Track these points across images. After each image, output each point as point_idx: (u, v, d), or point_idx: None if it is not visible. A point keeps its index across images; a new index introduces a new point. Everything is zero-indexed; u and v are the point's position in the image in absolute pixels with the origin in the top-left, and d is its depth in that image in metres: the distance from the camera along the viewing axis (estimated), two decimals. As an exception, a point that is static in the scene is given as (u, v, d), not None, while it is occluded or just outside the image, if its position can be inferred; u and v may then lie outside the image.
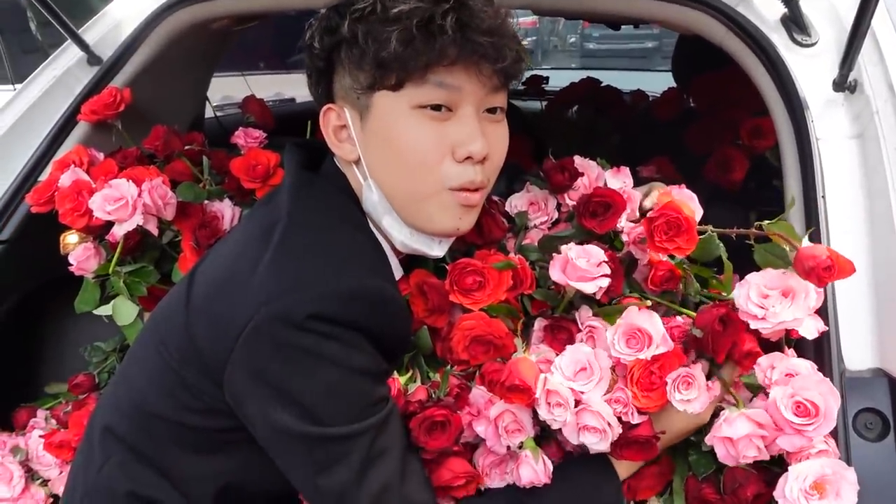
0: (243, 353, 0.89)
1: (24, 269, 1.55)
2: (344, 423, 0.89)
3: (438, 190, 0.98)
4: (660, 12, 1.29)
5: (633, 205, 1.21)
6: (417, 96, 0.94)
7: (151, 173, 1.36)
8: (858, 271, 1.04)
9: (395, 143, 0.97)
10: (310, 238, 0.95)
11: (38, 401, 1.57)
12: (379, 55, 0.92)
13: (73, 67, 1.63)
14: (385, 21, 0.92)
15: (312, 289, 0.88)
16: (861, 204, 1.10)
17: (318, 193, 1.02)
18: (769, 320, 0.92)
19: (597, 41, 9.75)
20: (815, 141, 1.14)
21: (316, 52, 1.00)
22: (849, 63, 1.12)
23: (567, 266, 1.03)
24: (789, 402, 0.92)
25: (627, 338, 0.97)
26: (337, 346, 0.88)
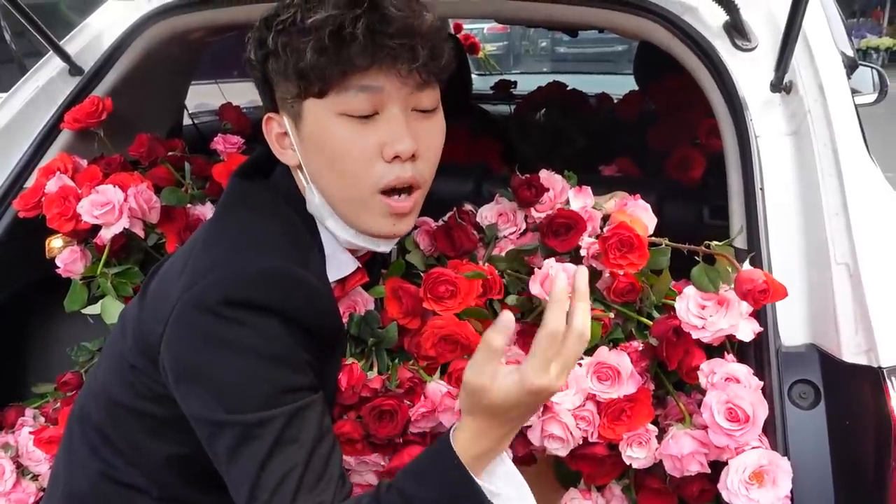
0: (168, 337, 0.96)
1: (10, 273, 1.60)
2: (253, 410, 0.91)
3: (370, 194, 1.00)
4: (612, 20, 1.38)
5: (595, 223, 1.28)
6: (341, 104, 0.97)
7: (135, 179, 1.43)
8: (792, 255, 1.15)
9: (326, 149, 1.00)
10: (230, 230, 1.03)
11: (26, 401, 1.63)
12: (298, 66, 0.95)
13: (56, 78, 1.69)
14: (301, 32, 0.95)
15: (224, 273, 0.94)
16: (795, 194, 1.20)
17: (247, 194, 1.08)
18: (708, 329, 1.05)
19: (567, 45, 9.85)
20: (754, 138, 1.23)
21: (252, 64, 1.03)
22: (783, 66, 1.22)
23: (546, 281, 1.12)
24: (723, 407, 1.03)
25: (598, 375, 1.08)
26: (250, 333, 0.92)
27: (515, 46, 10.65)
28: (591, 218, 1.27)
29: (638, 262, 1.12)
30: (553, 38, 10.17)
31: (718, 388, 1.05)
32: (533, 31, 10.51)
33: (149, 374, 1.03)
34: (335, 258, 1.11)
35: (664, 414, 1.17)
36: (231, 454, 0.92)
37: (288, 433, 0.91)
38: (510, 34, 9.89)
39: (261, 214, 1.05)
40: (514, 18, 1.59)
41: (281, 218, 1.06)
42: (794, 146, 1.23)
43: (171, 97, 1.93)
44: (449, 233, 1.27)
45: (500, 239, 1.32)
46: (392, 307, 1.17)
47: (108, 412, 1.11)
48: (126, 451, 1.09)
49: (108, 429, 1.10)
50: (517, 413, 0.90)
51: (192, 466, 1.06)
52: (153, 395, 1.04)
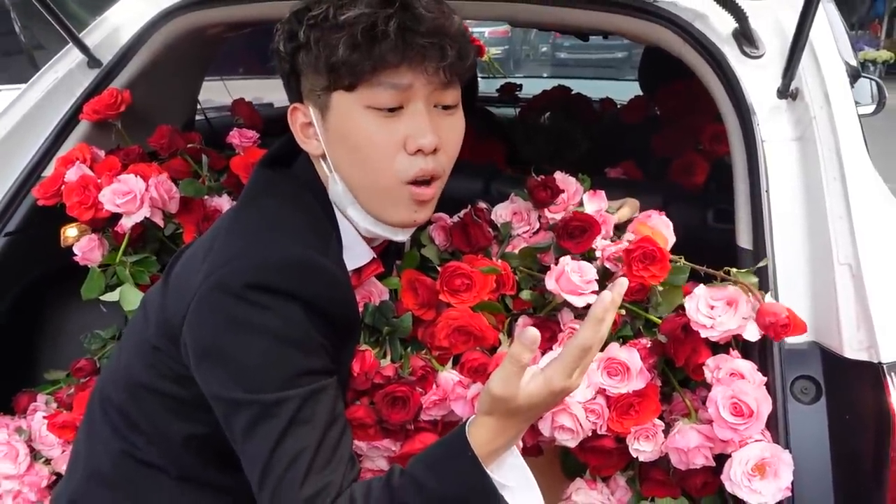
0: (191, 319, 1.00)
1: (27, 260, 1.63)
2: (270, 390, 0.94)
3: (394, 184, 1.04)
4: (625, 25, 1.42)
5: (608, 227, 1.32)
6: (369, 97, 1.01)
7: (155, 170, 1.46)
8: (797, 255, 1.19)
9: (352, 140, 1.04)
10: (253, 218, 1.07)
11: (38, 387, 1.65)
12: (330, 60, 0.99)
13: (74, 70, 1.72)
14: (334, 28, 0.99)
15: (248, 259, 0.98)
16: (800, 197, 1.23)
17: (270, 184, 1.12)
18: (717, 329, 1.08)
19: (567, 51, 9.93)
20: (760, 143, 1.27)
21: (281, 56, 1.07)
22: (790, 73, 1.26)
23: (562, 277, 1.16)
24: (727, 402, 1.07)
25: (609, 370, 1.12)
26: (270, 316, 0.95)
27: (516, 51, 10.71)
28: (604, 221, 1.31)
29: (659, 275, 1.15)
30: (553, 43, 10.24)
31: (724, 383, 1.08)
32: (534, 36, 10.59)
33: (171, 355, 1.07)
34: (352, 248, 1.14)
35: (669, 409, 1.20)
36: (247, 432, 0.96)
37: (302, 414, 0.94)
38: (511, 38, 9.94)
39: (283, 203, 1.09)
40: (527, 22, 1.63)
41: (302, 207, 1.09)
42: (800, 151, 1.27)
43: (187, 92, 1.96)
44: (465, 229, 1.30)
45: (513, 237, 1.35)
46: (408, 298, 1.20)
47: (129, 393, 1.14)
48: (147, 431, 1.13)
49: (130, 409, 1.14)
50: (535, 412, 0.95)
51: (210, 446, 1.10)
52: (174, 375, 1.08)
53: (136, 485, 1.14)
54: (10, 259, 1.60)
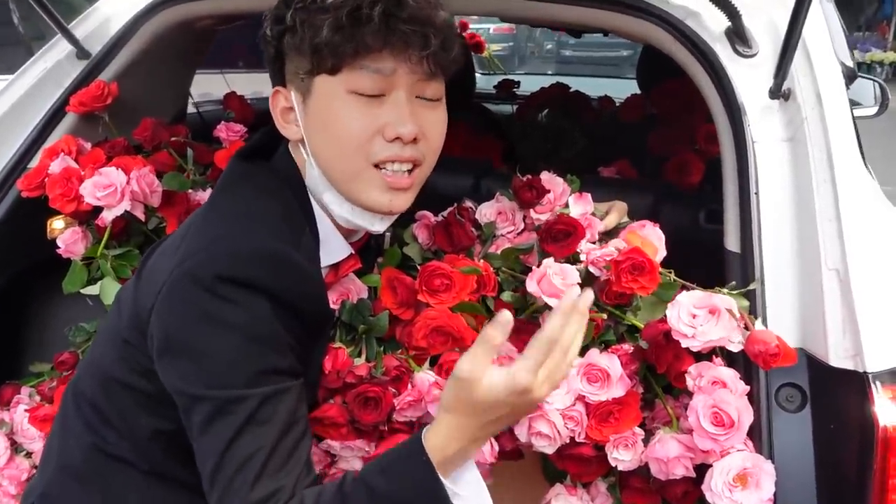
0: (159, 308, 0.99)
1: (11, 252, 1.61)
2: (231, 387, 0.93)
3: (365, 167, 1.04)
4: (615, 22, 1.39)
5: (594, 231, 1.30)
6: (352, 82, 1.01)
7: (138, 163, 1.45)
8: (785, 259, 1.17)
9: (331, 123, 1.04)
10: (226, 209, 1.07)
11: (23, 379, 1.64)
12: (313, 42, 1.00)
13: (63, 61, 1.71)
14: (321, 10, 0.99)
15: (217, 249, 0.98)
16: (790, 199, 1.21)
17: (245, 175, 1.12)
18: (699, 338, 1.05)
19: (573, 48, 9.85)
20: (751, 143, 1.25)
21: (267, 40, 1.07)
22: (782, 73, 1.24)
23: (543, 280, 1.14)
24: (708, 411, 1.05)
25: (588, 376, 1.09)
26: (238, 312, 0.94)
27: (521, 48, 10.67)
28: (590, 225, 1.29)
29: (648, 286, 1.14)
30: (559, 41, 10.17)
31: (705, 391, 1.06)
32: (539, 33, 10.54)
33: (140, 349, 1.06)
34: (329, 242, 1.13)
35: (651, 416, 1.18)
36: (202, 427, 0.94)
37: (261, 414, 0.93)
38: (516, 35, 9.91)
39: (257, 194, 1.08)
40: (517, 17, 1.61)
41: (276, 199, 1.08)
42: (791, 152, 1.25)
43: (177, 84, 1.95)
44: (447, 229, 1.29)
45: (497, 237, 1.33)
46: (386, 297, 1.18)
47: (101, 386, 1.13)
48: (117, 425, 1.11)
49: (102, 403, 1.12)
50: (495, 415, 0.90)
51: (177, 442, 1.07)
52: (143, 369, 1.06)
53: (105, 479, 1.12)
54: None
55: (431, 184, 1.77)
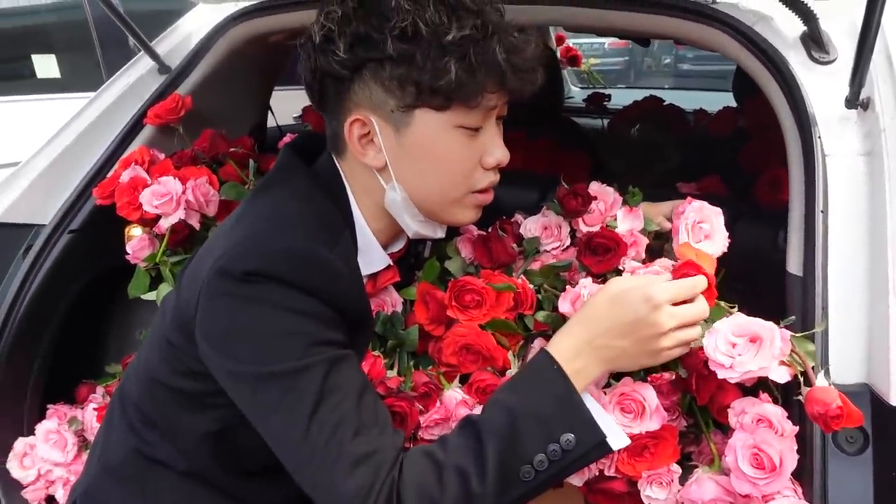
0: (201, 308, 0.99)
1: (92, 257, 1.69)
2: (288, 359, 0.91)
3: (464, 194, 1.07)
4: (676, 29, 1.32)
5: (639, 248, 1.23)
6: (462, 118, 1.01)
7: (201, 173, 1.49)
8: (853, 285, 1.06)
9: (433, 156, 1.04)
10: (263, 209, 1.06)
11: (99, 379, 1.72)
12: (436, 83, 0.97)
13: (145, 75, 1.79)
14: (440, 47, 0.96)
15: (249, 247, 0.97)
16: (863, 219, 1.10)
17: (288, 176, 1.10)
18: (736, 369, 0.94)
19: (690, 62, 9.56)
20: (821, 157, 1.14)
21: (340, 60, 1.00)
22: (858, 80, 1.12)
23: (577, 301, 1.08)
24: (748, 451, 0.95)
25: (622, 406, 1.02)
26: (277, 292, 0.93)
27: (637, 62, 10.45)
28: (635, 243, 1.22)
29: None
30: (677, 55, 9.90)
31: (746, 430, 0.96)
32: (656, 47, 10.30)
33: (185, 350, 1.07)
34: (367, 253, 1.13)
35: (698, 451, 1.10)
36: (273, 407, 0.92)
37: (331, 381, 0.91)
38: (632, 49, 9.69)
39: (294, 195, 1.08)
40: (574, 26, 1.55)
41: (313, 202, 1.07)
42: (868, 167, 1.13)
43: (254, 97, 2.00)
44: (487, 244, 1.25)
45: (540, 253, 1.28)
46: (420, 311, 1.15)
47: (146, 388, 1.15)
48: (161, 426, 1.13)
49: (146, 405, 1.15)
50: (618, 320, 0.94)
51: (224, 444, 1.09)
52: (186, 370, 1.08)
53: (143, 479, 1.15)
54: (76, 255, 1.67)
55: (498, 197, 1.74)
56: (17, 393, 1.63)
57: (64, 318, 1.68)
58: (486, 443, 0.88)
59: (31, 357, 1.64)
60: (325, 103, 1.08)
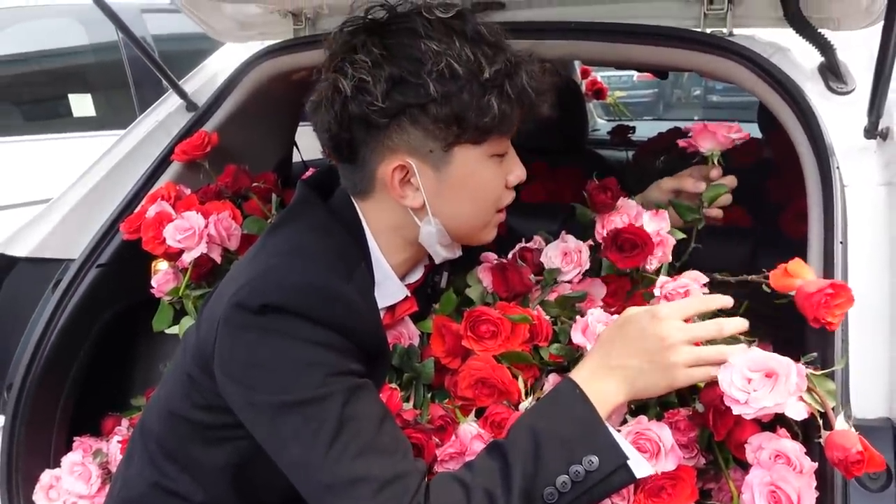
0: (220, 341, 1.00)
1: (118, 291, 1.73)
2: (306, 388, 0.92)
3: (493, 214, 1.13)
4: (694, 61, 1.32)
5: (666, 250, 1.23)
6: (495, 147, 1.08)
7: (224, 207, 1.52)
8: (875, 318, 1.04)
9: (473, 188, 1.08)
10: (280, 243, 1.08)
11: (125, 412, 1.74)
12: (482, 120, 1.01)
13: (174, 113, 1.84)
14: (480, 85, 1.00)
15: (266, 280, 0.99)
16: (884, 250, 1.08)
17: (305, 211, 1.13)
18: (751, 405, 0.92)
19: (720, 94, 9.51)
20: (839, 187, 1.13)
21: (378, 108, 0.99)
22: (876, 110, 1.12)
23: (587, 330, 1.08)
24: (764, 489, 0.93)
25: (638, 445, 1.00)
26: (294, 325, 0.95)
27: (666, 94, 10.42)
28: (662, 243, 1.22)
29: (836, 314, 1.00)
30: (706, 86, 9.86)
31: (764, 466, 0.94)
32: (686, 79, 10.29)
33: (204, 385, 1.08)
34: (385, 286, 1.14)
35: (718, 487, 1.07)
36: (295, 434, 0.93)
37: (350, 409, 0.92)
38: (661, 82, 9.66)
39: (310, 229, 1.10)
40: (592, 59, 1.56)
41: (329, 235, 1.09)
42: (887, 197, 1.12)
43: (279, 133, 2.03)
44: (504, 273, 1.25)
45: (558, 283, 1.28)
46: (436, 345, 1.16)
47: (166, 423, 1.16)
48: (181, 460, 1.14)
49: (167, 439, 1.16)
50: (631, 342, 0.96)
51: (243, 477, 1.10)
52: (205, 403, 1.09)
53: None
54: (103, 289, 1.70)
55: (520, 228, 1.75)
56: (44, 425, 1.65)
57: (91, 351, 1.71)
58: (511, 465, 0.90)
59: (58, 389, 1.66)
60: (355, 152, 1.06)
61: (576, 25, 1.41)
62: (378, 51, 1.00)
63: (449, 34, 1.00)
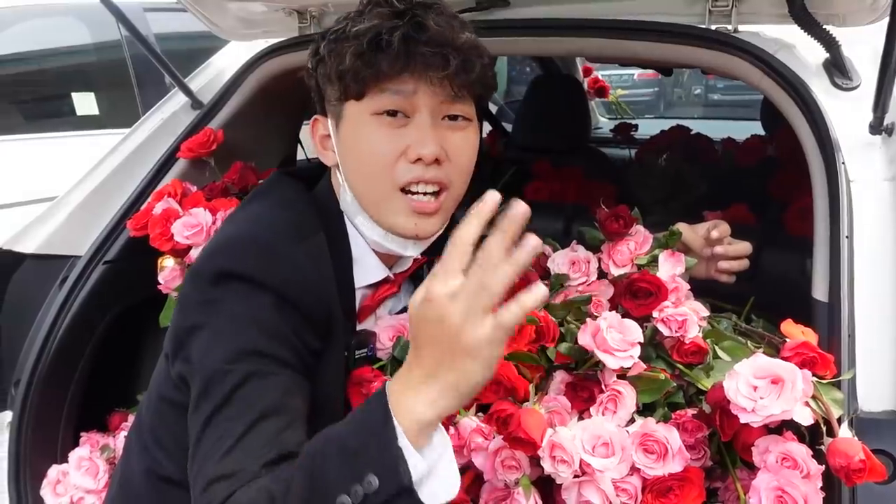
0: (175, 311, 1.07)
1: (125, 288, 1.73)
2: (214, 362, 0.94)
3: (391, 190, 1.06)
4: (699, 58, 1.33)
5: (680, 294, 1.21)
6: (374, 104, 1.04)
7: (231, 204, 1.52)
8: (880, 311, 1.04)
9: (358, 146, 1.07)
10: (237, 216, 1.14)
11: (132, 407, 1.75)
12: (338, 69, 1.04)
13: (179, 111, 1.85)
14: (346, 39, 1.04)
15: (213, 243, 1.05)
16: (890, 244, 1.09)
17: (273, 189, 1.17)
18: (759, 413, 0.93)
19: (721, 92, 9.53)
20: (844, 182, 1.13)
21: (309, 73, 1.14)
22: (881, 106, 1.13)
23: (598, 334, 1.06)
24: (771, 493, 0.94)
25: (645, 447, 1.01)
26: (236, 298, 0.97)
27: (667, 93, 10.44)
28: (676, 289, 1.20)
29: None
30: (707, 85, 9.88)
31: (771, 469, 0.95)
32: (686, 77, 10.31)
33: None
34: (363, 262, 1.16)
35: (725, 487, 1.08)
36: (193, 405, 0.95)
37: (242, 392, 0.91)
38: (661, 80, 9.68)
39: (272, 205, 1.13)
40: (597, 56, 1.57)
41: (291, 208, 1.12)
42: (893, 192, 1.13)
43: (283, 130, 2.04)
44: (509, 282, 1.25)
45: (566, 287, 1.28)
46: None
47: (155, 408, 1.18)
48: (168, 446, 1.16)
49: (156, 425, 1.18)
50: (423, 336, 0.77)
51: None
52: (182, 381, 1.08)
53: (156, 499, 1.17)
54: (110, 286, 1.71)
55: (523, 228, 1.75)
56: (52, 420, 1.66)
57: (98, 347, 1.72)
58: (296, 470, 0.81)
59: (65, 385, 1.67)
60: None
61: (581, 22, 1.42)
62: None
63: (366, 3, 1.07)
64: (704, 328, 1.15)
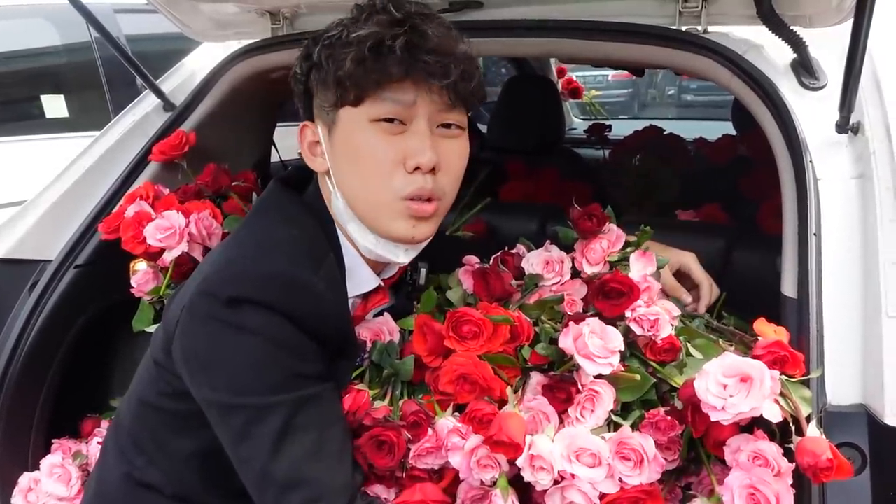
0: (182, 329, 1.03)
1: (97, 292, 1.71)
2: (259, 393, 0.96)
3: (392, 199, 1.06)
4: (669, 58, 1.34)
5: (651, 294, 1.23)
6: (373, 110, 1.04)
7: (204, 206, 1.51)
8: (847, 307, 1.06)
9: (354, 153, 1.06)
10: (249, 234, 1.11)
11: (105, 413, 1.73)
12: (337, 74, 1.03)
13: (151, 113, 1.83)
14: (345, 45, 1.03)
15: (232, 271, 1.01)
16: (856, 241, 1.11)
17: (276, 204, 1.15)
18: (728, 411, 0.94)
19: (694, 93, 9.59)
20: (812, 180, 1.15)
21: (297, 77, 1.12)
22: (847, 105, 1.14)
23: (579, 339, 1.07)
24: (744, 491, 0.95)
25: (622, 455, 1.02)
26: (256, 320, 0.97)
27: (641, 94, 10.49)
28: (648, 288, 1.22)
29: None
30: (680, 86, 9.95)
31: (743, 468, 0.96)
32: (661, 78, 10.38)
33: (168, 369, 1.10)
34: (356, 273, 1.15)
35: (698, 480, 1.09)
36: (241, 434, 0.98)
37: (298, 419, 0.97)
38: (636, 81, 9.73)
39: (280, 222, 1.12)
40: (569, 57, 1.58)
41: (298, 226, 1.11)
42: (859, 190, 1.14)
43: (257, 132, 2.02)
44: (485, 277, 1.25)
45: (540, 287, 1.28)
46: (418, 343, 1.16)
47: (136, 413, 1.18)
48: (149, 450, 1.15)
49: (136, 429, 1.17)
50: None
51: (211, 464, 1.11)
52: (172, 390, 1.10)
53: None
54: (81, 290, 1.69)
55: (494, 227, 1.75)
56: (22, 427, 1.64)
57: (69, 352, 1.70)
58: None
59: (36, 391, 1.65)
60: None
61: (553, 24, 1.43)
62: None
63: (361, 10, 1.06)
64: (677, 326, 1.16)
